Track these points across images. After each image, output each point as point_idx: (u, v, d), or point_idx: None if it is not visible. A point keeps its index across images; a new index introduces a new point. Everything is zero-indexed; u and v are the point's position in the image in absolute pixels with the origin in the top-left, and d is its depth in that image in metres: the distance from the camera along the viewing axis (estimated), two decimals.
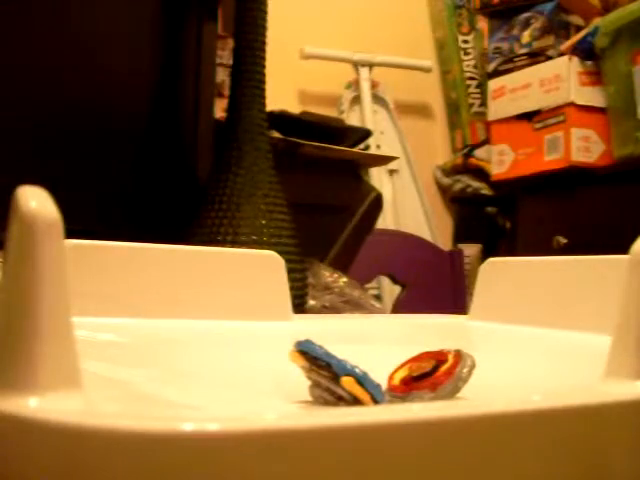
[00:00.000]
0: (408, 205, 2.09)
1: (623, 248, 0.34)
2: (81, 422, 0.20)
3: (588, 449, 0.24)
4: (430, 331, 0.59)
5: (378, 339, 0.55)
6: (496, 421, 0.23)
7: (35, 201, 0.23)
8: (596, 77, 1.66)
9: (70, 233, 0.45)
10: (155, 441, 0.19)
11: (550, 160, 1.71)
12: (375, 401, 0.29)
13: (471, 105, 2.19)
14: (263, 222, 0.77)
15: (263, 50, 0.81)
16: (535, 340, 0.50)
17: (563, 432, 0.24)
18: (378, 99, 2.10)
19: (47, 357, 0.23)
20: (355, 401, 0.29)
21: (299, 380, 0.32)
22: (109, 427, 0.20)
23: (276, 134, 0.92)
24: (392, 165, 2.04)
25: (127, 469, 0.20)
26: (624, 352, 0.28)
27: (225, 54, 1.13)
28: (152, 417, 0.21)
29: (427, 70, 2.15)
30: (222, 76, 1.08)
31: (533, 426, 0.23)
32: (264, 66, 0.82)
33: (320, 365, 0.30)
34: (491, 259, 0.60)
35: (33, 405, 0.22)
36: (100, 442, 0.20)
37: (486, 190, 2.04)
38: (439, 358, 0.33)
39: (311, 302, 0.86)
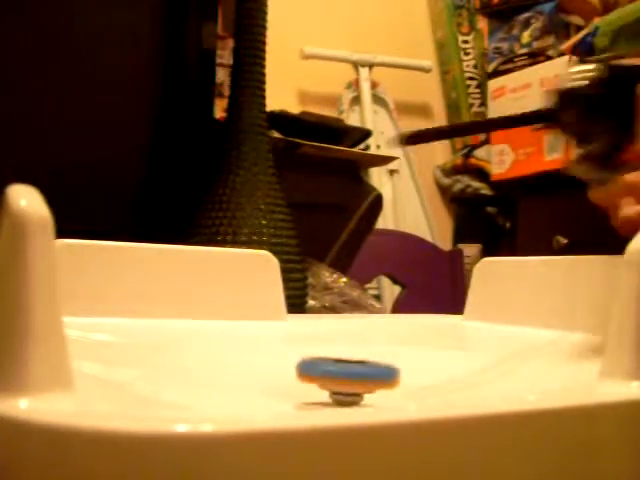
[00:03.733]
0: (408, 205, 2.09)
1: (623, 248, 0.34)
2: (73, 423, 0.20)
3: (583, 448, 0.24)
4: (426, 331, 0.59)
5: (371, 339, 0.55)
6: (493, 421, 0.23)
7: (25, 200, 0.23)
8: None
9: (71, 233, 0.45)
10: (148, 442, 0.19)
11: (550, 160, 1.71)
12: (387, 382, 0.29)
13: (471, 105, 2.19)
14: (263, 222, 0.77)
15: (263, 50, 0.81)
16: (527, 340, 0.50)
17: (559, 432, 0.24)
18: (378, 99, 2.10)
19: (38, 358, 0.22)
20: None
21: (291, 380, 0.32)
22: (101, 428, 0.19)
23: (276, 134, 0.92)
24: (392, 165, 2.04)
25: (119, 470, 0.19)
26: (619, 352, 0.28)
27: (225, 54, 1.13)
28: (145, 418, 0.21)
29: (427, 70, 2.15)
30: (222, 76, 1.08)
31: (529, 426, 0.23)
32: (264, 66, 0.81)
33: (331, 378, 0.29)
34: (485, 259, 0.60)
35: (24, 406, 0.22)
36: (92, 443, 0.19)
37: (486, 190, 2.04)
38: None
39: (311, 302, 0.86)
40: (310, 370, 0.29)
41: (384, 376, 0.28)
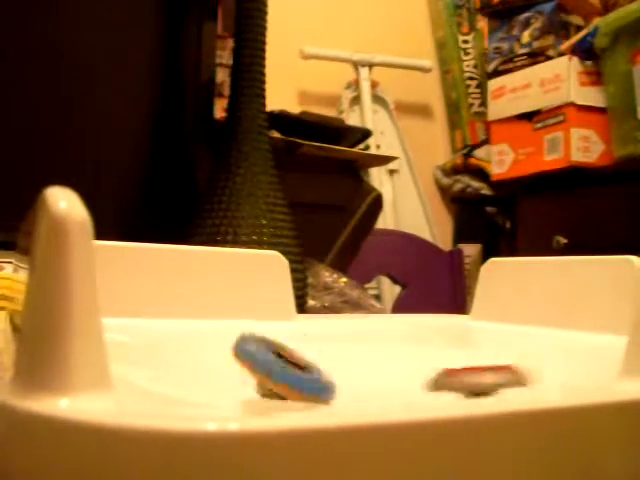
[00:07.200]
0: (408, 205, 2.09)
1: (623, 248, 0.34)
2: (113, 422, 0.20)
3: (604, 446, 0.24)
4: (432, 331, 0.59)
5: (382, 339, 0.55)
6: (517, 419, 0.23)
7: (64, 201, 0.23)
8: (596, 77, 1.66)
9: None
10: (185, 439, 0.20)
11: (550, 160, 1.71)
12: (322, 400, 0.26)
13: (471, 105, 2.19)
14: (263, 222, 0.77)
15: (263, 50, 0.81)
16: (537, 339, 0.50)
17: (580, 430, 0.24)
18: (378, 99, 2.10)
19: (78, 358, 0.23)
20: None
21: None
22: (141, 427, 0.20)
23: (276, 134, 0.92)
24: (392, 165, 2.04)
25: (160, 468, 0.20)
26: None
27: (225, 54, 1.13)
28: (182, 417, 0.22)
29: (427, 70, 2.15)
30: (222, 76, 1.08)
31: (554, 424, 0.23)
32: (264, 66, 0.81)
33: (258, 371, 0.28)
34: (493, 259, 0.60)
35: (65, 406, 0.22)
36: (131, 442, 0.20)
37: (486, 190, 2.04)
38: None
39: (311, 302, 0.86)
40: (245, 353, 0.27)
41: (316, 391, 0.26)
